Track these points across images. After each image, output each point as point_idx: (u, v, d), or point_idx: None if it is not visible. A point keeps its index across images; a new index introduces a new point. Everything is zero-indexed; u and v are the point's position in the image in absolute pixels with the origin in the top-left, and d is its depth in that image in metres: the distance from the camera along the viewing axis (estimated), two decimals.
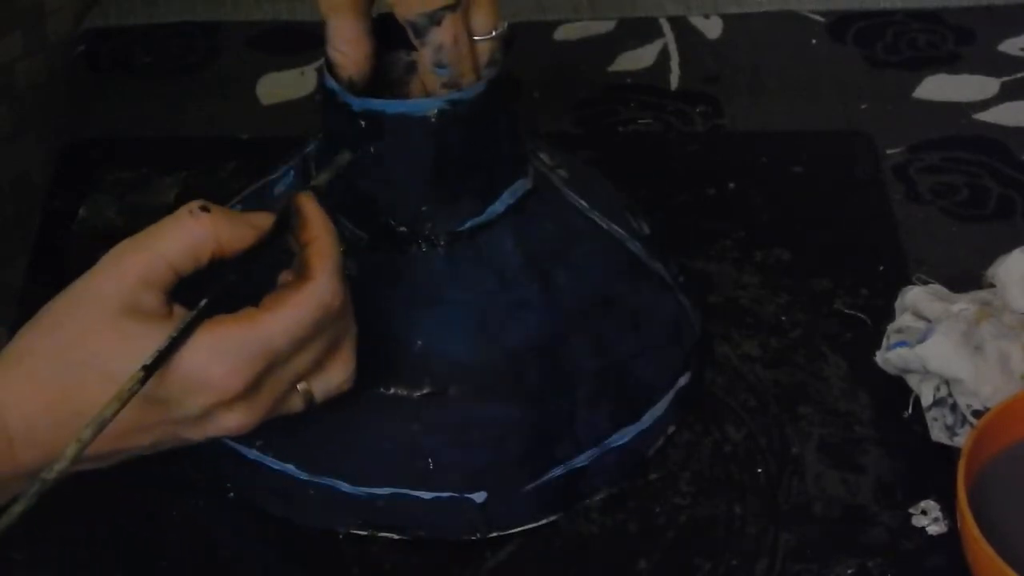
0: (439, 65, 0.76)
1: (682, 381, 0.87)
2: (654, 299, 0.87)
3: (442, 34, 0.76)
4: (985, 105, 1.09)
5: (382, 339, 0.78)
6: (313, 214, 0.72)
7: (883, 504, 0.83)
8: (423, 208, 0.81)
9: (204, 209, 0.69)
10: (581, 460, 0.83)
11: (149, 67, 1.15)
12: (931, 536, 0.82)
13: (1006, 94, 1.10)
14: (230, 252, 0.70)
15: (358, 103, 0.78)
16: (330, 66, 0.79)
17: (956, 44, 1.15)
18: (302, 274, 0.70)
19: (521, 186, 0.83)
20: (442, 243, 0.81)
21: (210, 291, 0.69)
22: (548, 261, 0.83)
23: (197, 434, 0.70)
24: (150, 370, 0.66)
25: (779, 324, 0.93)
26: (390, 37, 0.80)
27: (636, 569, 0.81)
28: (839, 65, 1.13)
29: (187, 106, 1.11)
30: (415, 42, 0.76)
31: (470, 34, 0.77)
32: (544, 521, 0.82)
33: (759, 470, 0.85)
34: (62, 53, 1.14)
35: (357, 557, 0.81)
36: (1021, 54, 1.14)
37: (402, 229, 0.81)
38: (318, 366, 0.72)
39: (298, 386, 0.71)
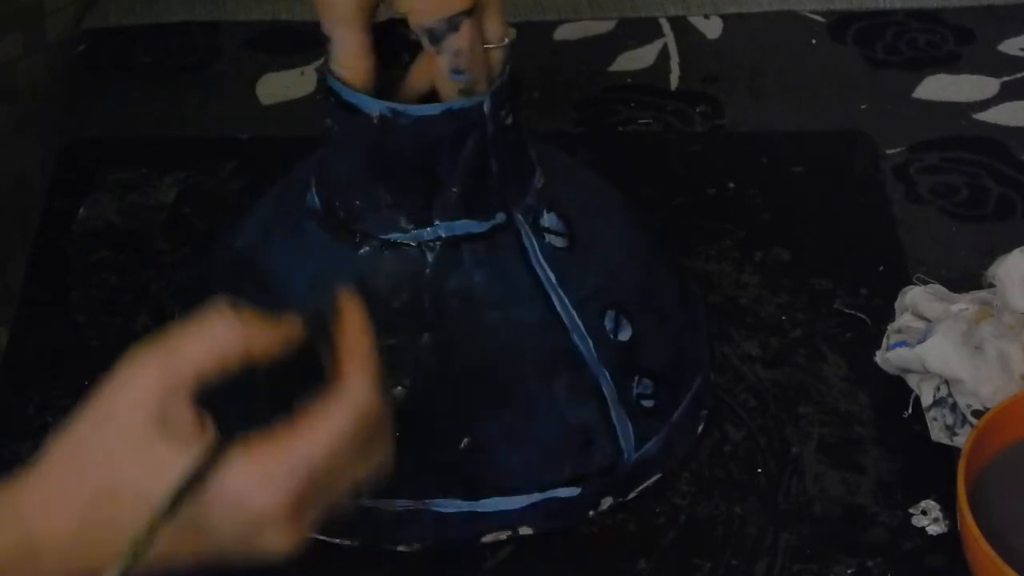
0: (456, 71, 0.76)
1: (559, 493, 0.82)
2: (566, 402, 0.82)
3: (459, 40, 0.75)
4: (985, 105, 1.09)
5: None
6: (351, 313, 0.69)
7: (883, 504, 0.83)
8: (356, 203, 0.81)
9: (233, 314, 0.66)
10: (397, 504, 0.81)
11: (149, 67, 1.15)
12: (931, 536, 0.82)
13: (1006, 94, 1.10)
14: (260, 359, 0.67)
15: (332, 82, 0.78)
16: (338, 80, 0.79)
17: (956, 44, 1.15)
18: (336, 379, 0.68)
19: (464, 227, 0.81)
20: (366, 246, 0.80)
21: (232, 421, 0.66)
22: (452, 313, 0.81)
23: (242, 553, 0.67)
24: (176, 502, 0.64)
25: (779, 324, 0.93)
26: (390, 50, 0.80)
27: (636, 569, 0.81)
28: (839, 65, 1.13)
29: (187, 106, 1.11)
30: (431, 49, 0.76)
31: (482, 41, 0.77)
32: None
33: (759, 470, 0.85)
34: (62, 53, 1.14)
35: (356, 558, 0.81)
36: (1021, 54, 1.14)
37: (342, 215, 0.81)
38: (358, 460, 0.69)
39: (339, 484, 0.68)
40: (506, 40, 0.78)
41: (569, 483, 0.82)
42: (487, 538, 0.82)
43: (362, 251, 0.80)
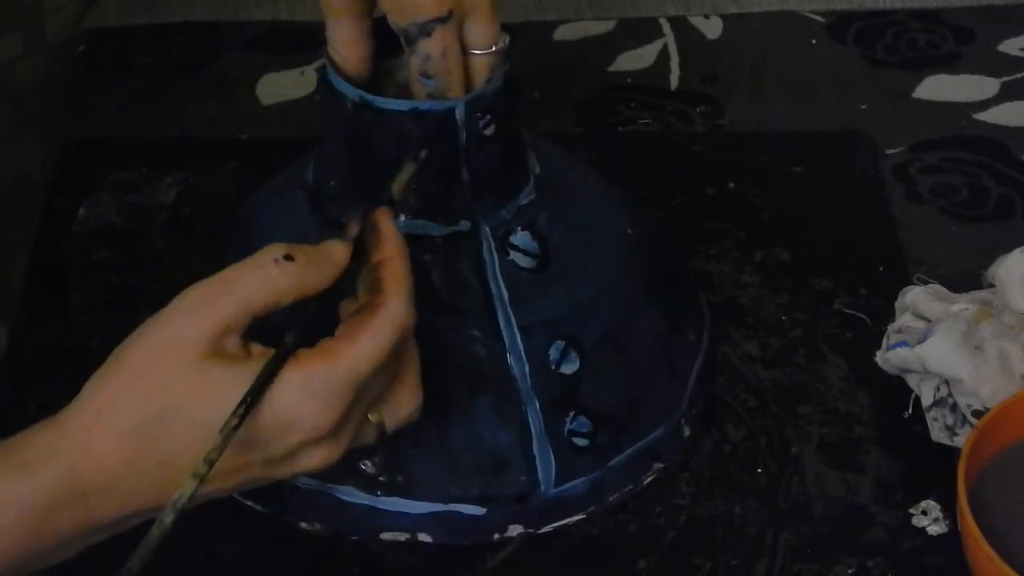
0: (425, 75, 0.76)
1: (461, 508, 0.81)
2: (485, 421, 0.80)
3: (430, 45, 0.75)
4: (985, 105, 1.09)
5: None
6: (389, 232, 0.71)
7: (883, 504, 0.83)
8: (331, 183, 0.81)
9: (288, 258, 0.67)
10: (301, 481, 0.81)
11: (149, 67, 1.15)
12: (931, 536, 0.82)
13: (1006, 94, 1.10)
14: (312, 294, 0.68)
15: (331, 74, 0.78)
16: (332, 65, 0.79)
17: (956, 44, 1.15)
18: (376, 295, 0.69)
19: (422, 227, 0.80)
20: (330, 227, 0.80)
21: (293, 331, 0.67)
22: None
23: (284, 473, 0.69)
24: (243, 415, 0.65)
25: (779, 324, 0.93)
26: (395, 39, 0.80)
27: (636, 569, 0.81)
28: (839, 65, 1.13)
29: (187, 106, 1.11)
30: (406, 49, 0.76)
31: (464, 48, 0.77)
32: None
33: (759, 470, 0.85)
34: (62, 53, 1.14)
35: (357, 557, 0.81)
36: (1021, 54, 1.14)
37: (324, 192, 0.82)
38: (387, 394, 0.71)
39: (370, 416, 0.70)
40: (494, 48, 0.78)
41: (474, 501, 0.81)
42: (386, 535, 0.81)
43: (326, 231, 0.80)
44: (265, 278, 0.67)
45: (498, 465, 0.81)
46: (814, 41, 1.16)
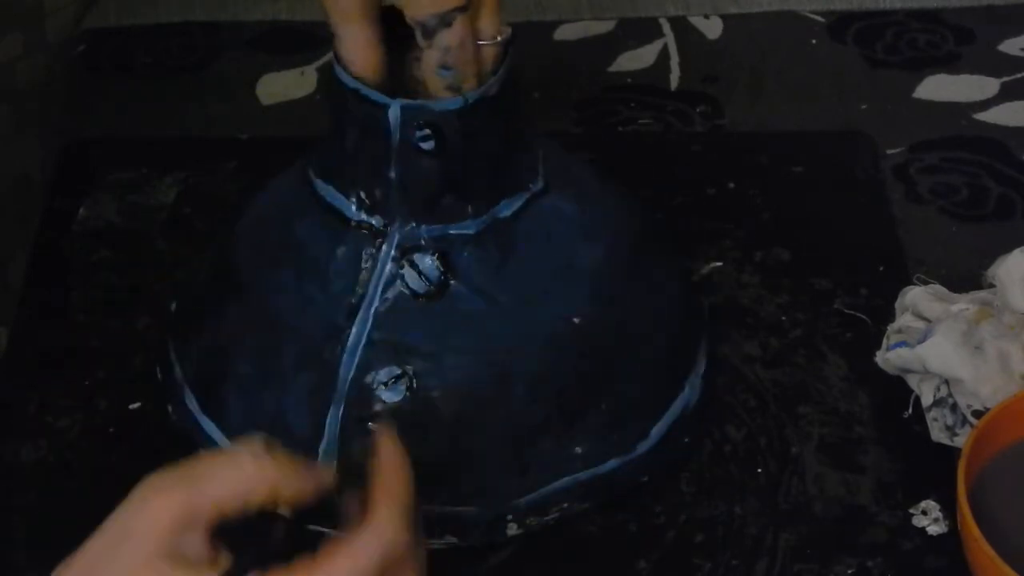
0: (444, 67, 0.76)
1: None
2: (289, 399, 0.81)
3: (451, 36, 0.75)
4: (985, 105, 1.09)
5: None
6: (388, 447, 0.65)
7: (883, 504, 0.83)
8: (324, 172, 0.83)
9: (265, 454, 0.62)
10: None
11: (149, 67, 1.15)
12: (931, 536, 0.82)
13: (1006, 94, 1.10)
14: (285, 503, 0.62)
15: (337, 69, 0.78)
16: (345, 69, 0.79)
17: (956, 44, 1.15)
18: (366, 511, 0.63)
19: (343, 205, 0.80)
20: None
21: (251, 552, 0.61)
22: (289, 266, 0.82)
23: None
24: None
25: (779, 324, 0.93)
26: (396, 34, 0.80)
27: (636, 569, 0.81)
28: (839, 65, 1.13)
29: (187, 106, 1.11)
30: (422, 43, 0.76)
31: (475, 38, 0.77)
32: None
33: (759, 470, 0.85)
34: (62, 53, 1.14)
35: None
36: (1021, 54, 1.14)
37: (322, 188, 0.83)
38: None
39: None
40: (499, 38, 0.78)
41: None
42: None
43: (323, 217, 0.82)
44: (234, 469, 0.62)
45: (290, 444, 0.75)
46: (814, 41, 1.16)
